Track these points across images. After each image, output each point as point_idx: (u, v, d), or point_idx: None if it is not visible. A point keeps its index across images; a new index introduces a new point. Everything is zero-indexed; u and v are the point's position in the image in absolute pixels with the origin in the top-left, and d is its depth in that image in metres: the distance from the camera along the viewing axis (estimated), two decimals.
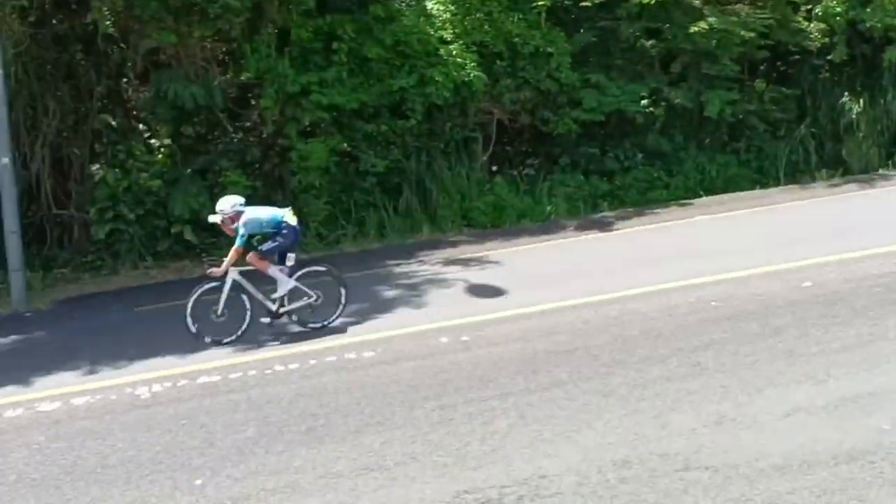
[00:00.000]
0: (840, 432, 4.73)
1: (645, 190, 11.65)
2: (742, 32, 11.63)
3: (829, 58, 12.04)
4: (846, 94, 12.00)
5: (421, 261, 10.58)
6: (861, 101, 11.89)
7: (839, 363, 5.69)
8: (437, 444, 5.40)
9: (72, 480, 5.41)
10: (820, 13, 11.71)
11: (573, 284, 8.40)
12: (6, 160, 9.74)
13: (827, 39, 11.83)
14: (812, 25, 11.74)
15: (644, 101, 11.81)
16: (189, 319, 7.35)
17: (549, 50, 11.40)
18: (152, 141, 11.32)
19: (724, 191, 11.47)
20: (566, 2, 11.70)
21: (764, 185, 11.58)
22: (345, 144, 11.27)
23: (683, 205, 11.42)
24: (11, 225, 9.77)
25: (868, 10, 11.76)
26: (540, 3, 11.44)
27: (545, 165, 11.99)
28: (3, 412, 6.83)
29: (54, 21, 10.72)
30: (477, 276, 9.62)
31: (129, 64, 11.06)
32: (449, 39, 11.28)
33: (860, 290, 7.15)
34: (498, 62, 11.45)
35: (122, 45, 10.82)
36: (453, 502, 4.68)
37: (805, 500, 4.09)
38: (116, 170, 10.78)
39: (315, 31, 10.99)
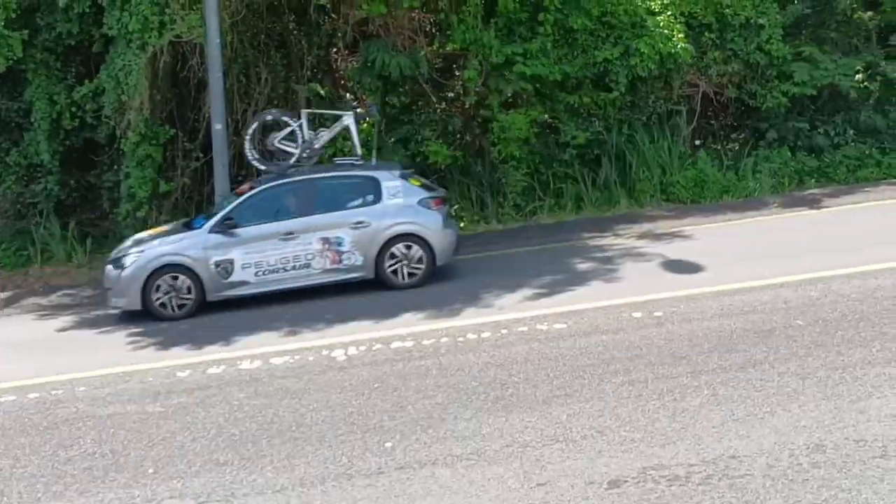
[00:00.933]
0: None
1: (855, 168, 11.24)
2: None
3: None
4: None
5: (617, 234, 10.56)
6: None
7: None
8: (625, 419, 5.41)
9: (268, 437, 5.58)
10: None
11: (774, 263, 8.30)
12: (219, 126, 10.12)
13: None
14: None
15: (859, 76, 11.43)
16: None
17: (761, 21, 11.16)
18: (359, 110, 11.67)
19: None
20: None
21: None
22: (546, 116, 11.32)
23: None
24: (223, 185, 10.17)
25: None
26: None
27: (750, 140, 11.74)
28: (206, 369, 7.15)
29: None
30: (674, 251, 9.50)
31: (340, 34, 11.32)
32: (657, 10, 11.12)
33: None
34: (706, 34, 11.28)
35: (333, 15, 11.17)
36: (639, 478, 4.65)
37: None
38: None
39: (521, 2, 10.99)
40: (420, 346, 7.20)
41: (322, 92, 11.35)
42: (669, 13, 11.12)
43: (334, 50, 11.69)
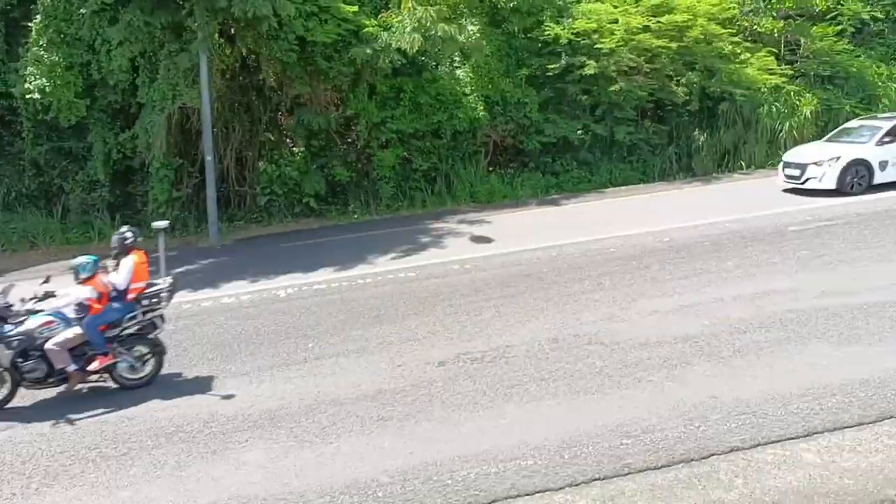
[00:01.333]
0: (679, 325, 7.93)
1: (577, 183, 18.36)
2: (638, 92, 18.73)
3: (688, 108, 19.07)
4: (696, 129, 19.52)
5: (445, 221, 15.61)
6: (704, 134, 19.48)
7: (682, 285, 9.35)
8: (448, 326, 8.60)
9: (238, 343, 8.77)
10: (685, 82, 19.36)
11: (533, 237, 12.78)
12: (210, 158, 16.57)
13: (688, 97, 18.93)
14: (679, 89, 19.19)
15: (579, 132, 18.61)
16: None
17: (525, 100, 18.35)
18: (294, 148, 18.62)
19: (623, 184, 18.30)
20: (537, 72, 19.02)
21: (646, 182, 18.49)
22: (405, 153, 18.01)
23: (600, 193, 17.60)
24: (212, 195, 16.61)
25: (713, 80, 19.42)
26: (522, 72, 18.86)
27: (519, 168, 18.94)
28: (200, 303, 10.79)
29: (240, 77, 17.53)
30: (478, 230, 14.31)
31: (282, 103, 18.18)
32: (468, 93, 18.39)
33: (697, 244, 11.33)
34: (496, 107, 18.32)
35: (279, 91, 17.84)
36: (455, 359, 7.65)
37: (655, 364, 7.12)
38: (273, 165, 17.90)
39: (390, 87, 17.97)
40: (330, 287, 10.90)
41: (272, 138, 18.35)
42: (475, 94, 18.65)
43: (280, 113, 18.65)
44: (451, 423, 6.61)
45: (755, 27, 20.98)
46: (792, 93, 19.80)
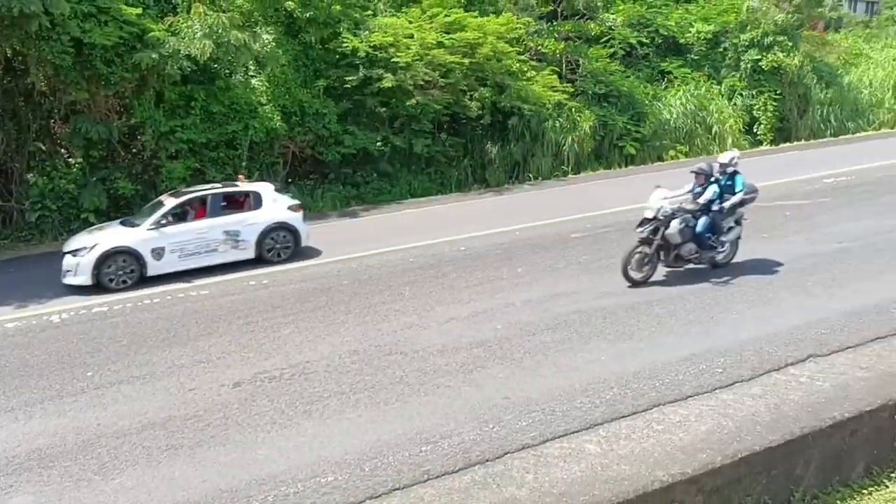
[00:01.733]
0: (475, 331, 8.34)
1: (378, 195, 18.51)
2: (435, 106, 19.34)
3: (481, 122, 19.95)
4: (489, 142, 20.56)
5: None
6: (497, 147, 20.54)
7: (477, 292, 9.87)
8: (244, 345, 8.25)
9: (1, 377, 7.57)
10: (477, 97, 20.23)
11: (332, 250, 12.67)
12: None
13: (481, 111, 19.88)
14: (473, 103, 20.00)
15: (378, 143, 18.77)
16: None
17: (324, 111, 18.24)
18: (70, 160, 17.05)
19: (422, 195, 18.86)
20: (335, 83, 18.96)
21: (444, 193, 19.19)
22: (197, 164, 17.24)
23: (400, 204, 17.77)
24: None
25: (503, 95, 20.47)
26: (320, 83, 18.72)
27: (320, 180, 18.83)
28: None
29: (4, 81, 15.97)
30: None
31: (56, 110, 16.62)
32: (264, 103, 17.97)
33: (490, 252, 11.99)
34: (294, 117, 18.05)
35: (51, 97, 16.36)
36: (252, 379, 7.39)
37: (452, 370, 7.48)
38: (44, 177, 16.30)
39: (180, 95, 17.07)
40: (112, 310, 9.98)
41: (44, 148, 16.71)
42: (272, 104, 18.25)
43: (53, 120, 16.99)
44: (247, 447, 6.36)
45: (539, 47, 22.44)
46: (573, 109, 21.37)
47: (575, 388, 7.12)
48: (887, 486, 6.41)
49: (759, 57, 25.10)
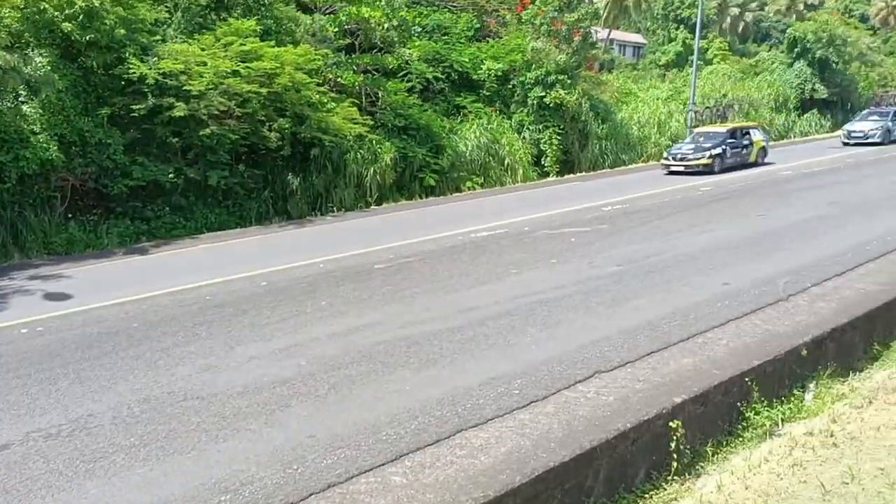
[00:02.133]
0: (278, 369, 8.04)
1: (171, 229, 17.61)
2: (231, 136, 18.77)
3: (281, 152, 19.68)
4: (290, 174, 20.32)
5: (11, 278, 13.72)
6: (298, 178, 20.35)
7: (280, 328, 9.44)
8: (14, 402, 7.49)
9: None
10: (276, 127, 19.87)
11: (120, 289, 11.81)
12: None
13: (280, 142, 19.65)
14: (272, 134, 19.59)
15: (171, 175, 17.79)
16: None
17: (108, 141, 17.00)
18: None
19: (220, 229, 18.09)
20: (121, 111, 17.74)
21: (243, 226, 18.64)
22: None
23: (195, 238, 17.07)
24: None
25: (303, 126, 20.30)
26: (103, 111, 17.41)
27: (105, 214, 17.40)
28: None
29: None
30: (53, 286, 12.73)
31: None
32: (37, 131, 16.37)
33: (293, 286, 11.58)
34: (73, 147, 16.61)
35: None
36: (25, 438, 6.46)
37: (254, 411, 6.97)
38: None
39: None
40: None
41: None
42: (46, 133, 16.54)
43: None
44: None
45: (339, 79, 22.58)
46: (374, 141, 21.68)
47: (381, 420, 7.10)
48: (665, 489, 6.99)
49: (544, 94, 27.04)
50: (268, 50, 19.54)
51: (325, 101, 21.13)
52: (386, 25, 23.75)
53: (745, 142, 25.75)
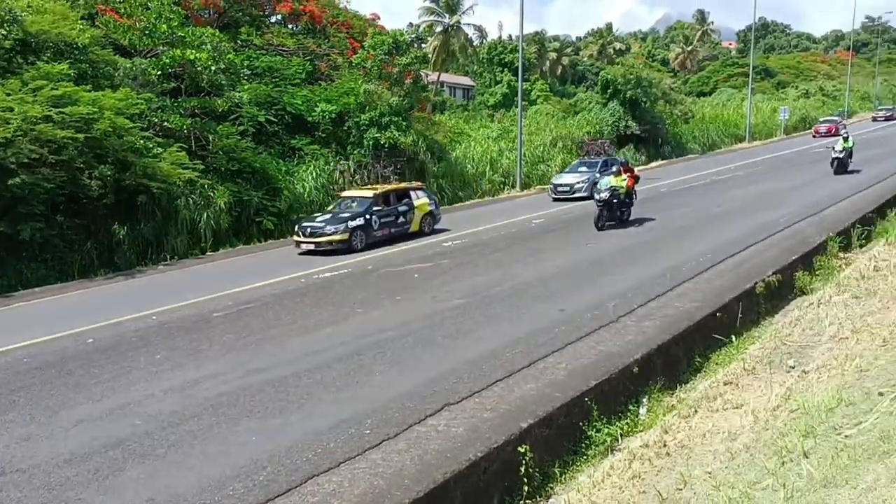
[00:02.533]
0: (110, 431, 7.46)
1: None
2: (46, 185, 17.16)
3: (104, 201, 18.53)
4: (115, 223, 19.06)
5: None
6: (124, 227, 19.15)
7: (111, 387, 8.93)
8: None
9: None
10: (97, 174, 18.63)
11: None
12: None
13: (103, 190, 18.54)
14: (93, 182, 18.40)
15: None
16: None
17: None
18: None
19: (37, 286, 16.42)
20: None
21: (64, 281, 17.08)
22: None
23: (7, 298, 15.49)
24: None
25: (127, 173, 19.21)
26: None
27: None
28: None
29: None
30: None
31: None
32: None
33: (123, 341, 10.93)
34: None
35: None
36: None
37: (83, 480, 6.42)
38: None
39: None
40: None
41: None
42: None
43: None
44: None
45: (165, 123, 21.64)
46: (206, 185, 20.92)
47: (226, 474, 6.77)
48: None
49: (379, 135, 27.41)
50: (84, 94, 18.38)
51: (151, 146, 20.17)
52: (213, 68, 23.14)
53: (403, 208, 20.28)
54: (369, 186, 23.24)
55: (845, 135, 28.63)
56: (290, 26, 36.16)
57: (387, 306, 12.59)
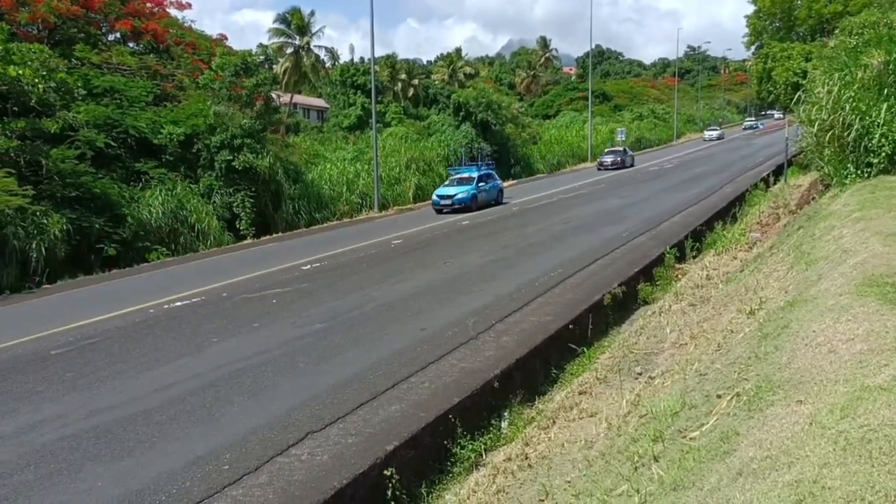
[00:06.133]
0: None
1: None
2: None
3: None
4: None
5: None
6: None
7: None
8: None
9: None
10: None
11: None
12: None
13: None
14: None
15: None
16: None
17: None
18: None
19: None
20: None
21: None
22: None
23: None
24: None
25: None
26: None
27: None
28: None
29: None
30: None
31: None
32: None
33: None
34: None
35: None
36: None
37: None
38: None
39: None
40: None
41: None
42: None
43: None
44: None
45: None
46: (38, 213, 19.41)
47: None
48: None
49: (232, 157, 26.61)
50: None
51: None
52: (42, 87, 21.55)
53: None
54: None
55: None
56: (130, 45, 34.43)
57: (244, 334, 12.16)
